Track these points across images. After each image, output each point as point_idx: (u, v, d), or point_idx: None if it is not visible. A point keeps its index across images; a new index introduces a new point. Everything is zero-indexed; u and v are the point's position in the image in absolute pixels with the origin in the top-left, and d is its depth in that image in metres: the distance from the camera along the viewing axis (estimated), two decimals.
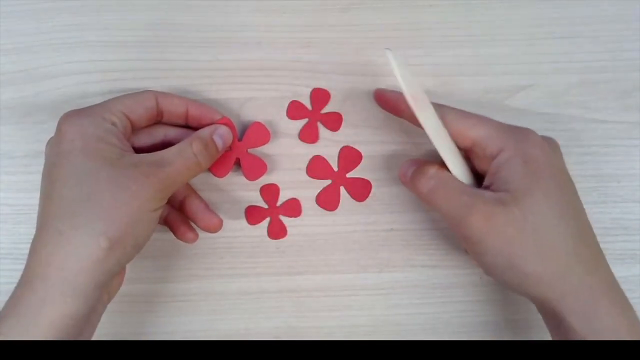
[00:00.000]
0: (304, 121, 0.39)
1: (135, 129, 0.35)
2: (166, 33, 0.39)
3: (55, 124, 0.32)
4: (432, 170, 0.33)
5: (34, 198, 0.32)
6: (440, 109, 0.34)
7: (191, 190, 0.38)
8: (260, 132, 0.38)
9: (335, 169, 0.39)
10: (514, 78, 0.40)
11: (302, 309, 0.39)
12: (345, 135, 0.39)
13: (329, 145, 0.39)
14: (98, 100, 0.34)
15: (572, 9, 0.40)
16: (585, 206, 0.33)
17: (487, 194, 0.32)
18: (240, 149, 0.37)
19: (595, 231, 0.32)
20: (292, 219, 0.39)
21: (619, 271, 0.32)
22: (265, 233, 0.39)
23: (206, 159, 0.34)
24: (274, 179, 0.39)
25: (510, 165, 0.32)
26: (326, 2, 0.40)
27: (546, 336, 0.33)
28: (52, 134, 0.32)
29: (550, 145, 0.34)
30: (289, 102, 0.39)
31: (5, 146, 0.39)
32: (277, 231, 0.39)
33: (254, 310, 0.39)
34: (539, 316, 0.33)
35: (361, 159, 0.39)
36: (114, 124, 0.33)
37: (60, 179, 0.30)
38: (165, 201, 0.33)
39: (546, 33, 0.40)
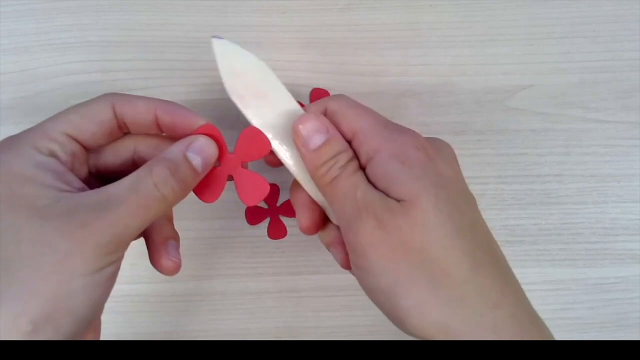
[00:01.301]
0: None
1: (92, 149, 0.27)
2: (166, 33, 0.39)
3: None
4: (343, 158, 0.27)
5: None
6: (336, 97, 0.29)
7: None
8: (256, 140, 0.29)
9: None
10: (514, 78, 0.40)
11: (302, 309, 0.39)
12: None
13: None
14: None
15: (572, 9, 0.40)
16: (585, 206, 0.33)
17: (381, 196, 0.26)
18: (233, 163, 0.29)
19: (595, 231, 0.31)
20: (292, 219, 0.39)
21: (618, 271, 0.32)
22: (265, 233, 0.39)
23: (175, 188, 0.25)
24: (274, 179, 0.39)
25: (387, 166, 0.26)
26: (326, 2, 0.40)
27: None
28: None
29: (435, 147, 0.28)
30: None
31: None
32: (277, 231, 0.39)
33: (254, 310, 0.39)
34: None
35: None
36: (52, 153, 0.25)
37: None
38: (121, 253, 0.25)
39: (546, 33, 0.40)
